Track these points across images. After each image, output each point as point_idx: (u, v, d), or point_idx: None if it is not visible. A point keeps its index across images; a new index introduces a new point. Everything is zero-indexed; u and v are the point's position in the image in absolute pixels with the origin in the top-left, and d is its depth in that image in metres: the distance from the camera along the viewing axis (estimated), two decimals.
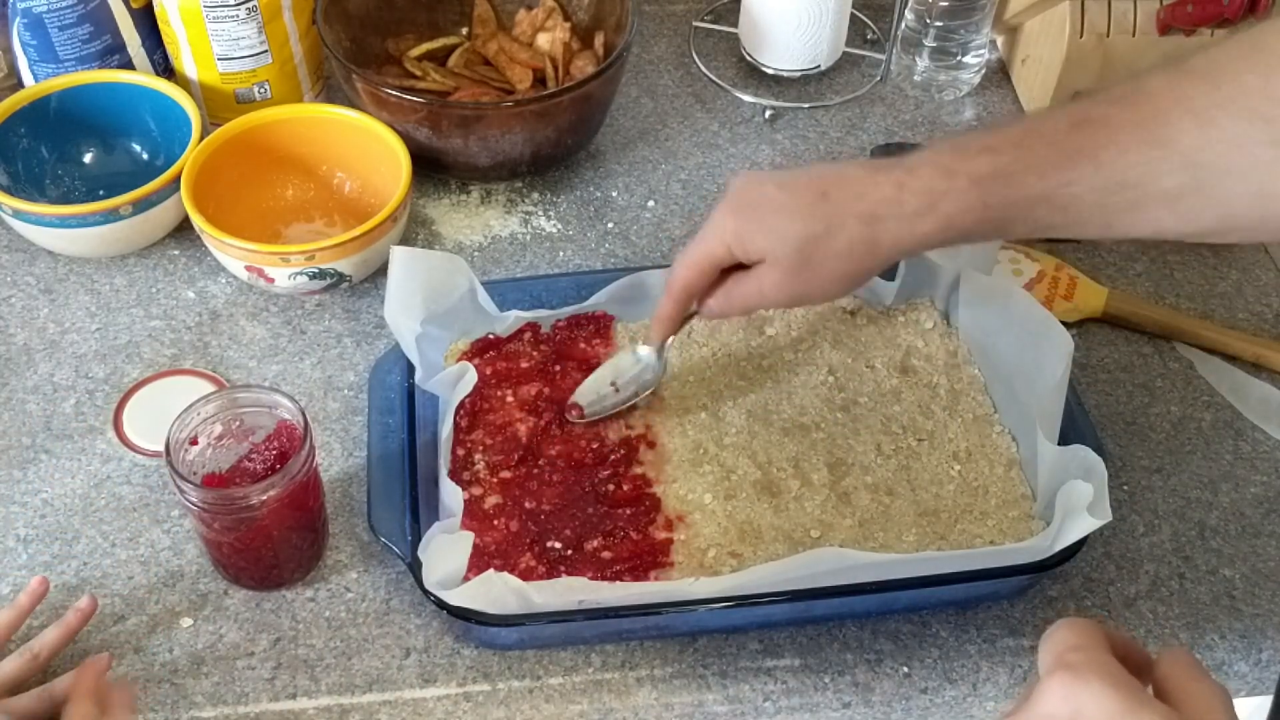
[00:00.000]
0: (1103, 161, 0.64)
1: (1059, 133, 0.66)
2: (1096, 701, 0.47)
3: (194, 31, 0.98)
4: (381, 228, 0.90)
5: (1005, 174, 0.66)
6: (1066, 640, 0.50)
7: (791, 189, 0.71)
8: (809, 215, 0.70)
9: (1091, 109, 0.66)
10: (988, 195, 0.67)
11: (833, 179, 0.71)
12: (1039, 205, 0.66)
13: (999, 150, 0.67)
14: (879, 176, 0.70)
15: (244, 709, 0.73)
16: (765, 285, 0.73)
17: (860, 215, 0.69)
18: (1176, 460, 0.87)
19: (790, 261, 0.71)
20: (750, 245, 0.72)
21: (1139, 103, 0.64)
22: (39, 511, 0.82)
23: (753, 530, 0.78)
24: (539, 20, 1.08)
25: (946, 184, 0.67)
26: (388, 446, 0.80)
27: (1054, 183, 0.65)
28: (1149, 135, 0.63)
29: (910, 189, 0.68)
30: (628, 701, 0.74)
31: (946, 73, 1.12)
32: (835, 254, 0.70)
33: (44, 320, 0.93)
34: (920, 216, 0.68)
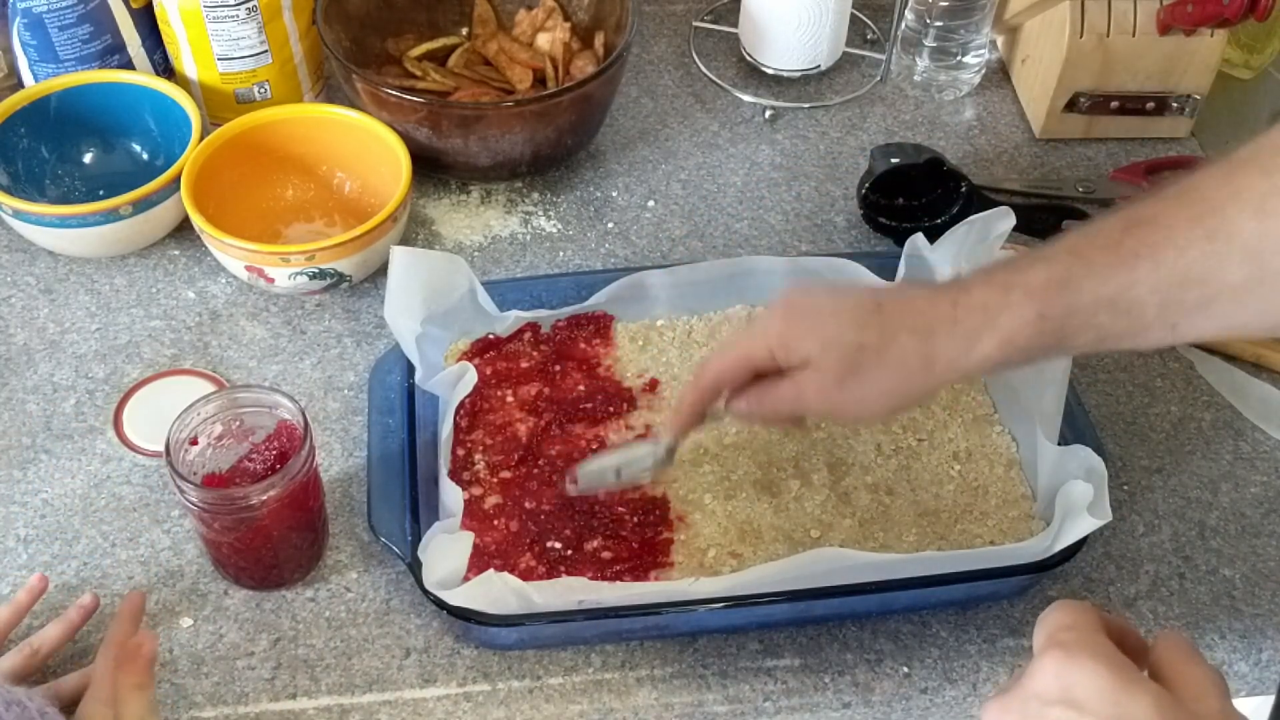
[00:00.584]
0: (1163, 260, 0.61)
1: (1113, 236, 0.63)
2: (1088, 679, 0.47)
3: (194, 31, 0.98)
4: (381, 228, 0.90)
5: (1062, 281, 0.63)
6: (1060, 620, 0.50)
7: (844, 297, 0.69)
8: (862, 323, 0.67)
9: (1143, 210, 0.63)
10: (1045, 306, 0.63)
11: (887, 293, 0.70)
12: (1101, 311, 0.63)
13: (1053, 259, 0.64)
14: (934, 294, 0.67)
15: (244, 709, 0.73)
16: (806, 391, 0.68)
17: (914, 329, 0.66)
18: (1176, 460, 0.87)
19: (837, 369, 0.67)
20: (796, 348, 0.68)
21: (1191, 199, 0.62)
22: (39, 511, 0.82)
23: (753, 530, 0.78)
24: (539, 20, 1.08)
25: (1002, 298, 0.64)
26: (388, 446, 0.80)
27: (1114, 286, 0.62)
28: (1207, 230, 0.61)
29: (965, 306, 0.65)
30: (628, 701, 0.74)
31: (946, 73, 1.13)
32: (886, 366, 0.66)
33: (44, 320, 0.93)
34: (977, 334, 0.65)
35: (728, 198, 1.04)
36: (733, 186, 1.05)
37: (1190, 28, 1.01)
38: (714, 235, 1.01)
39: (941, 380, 0.67)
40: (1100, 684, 0.47)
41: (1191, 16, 0.99)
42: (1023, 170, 1.07)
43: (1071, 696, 0.47)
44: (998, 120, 1.12)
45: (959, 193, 0.98)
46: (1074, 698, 0.47)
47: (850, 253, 0.95)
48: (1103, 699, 0.47)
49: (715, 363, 0.72)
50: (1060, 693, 0.48)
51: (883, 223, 1.00)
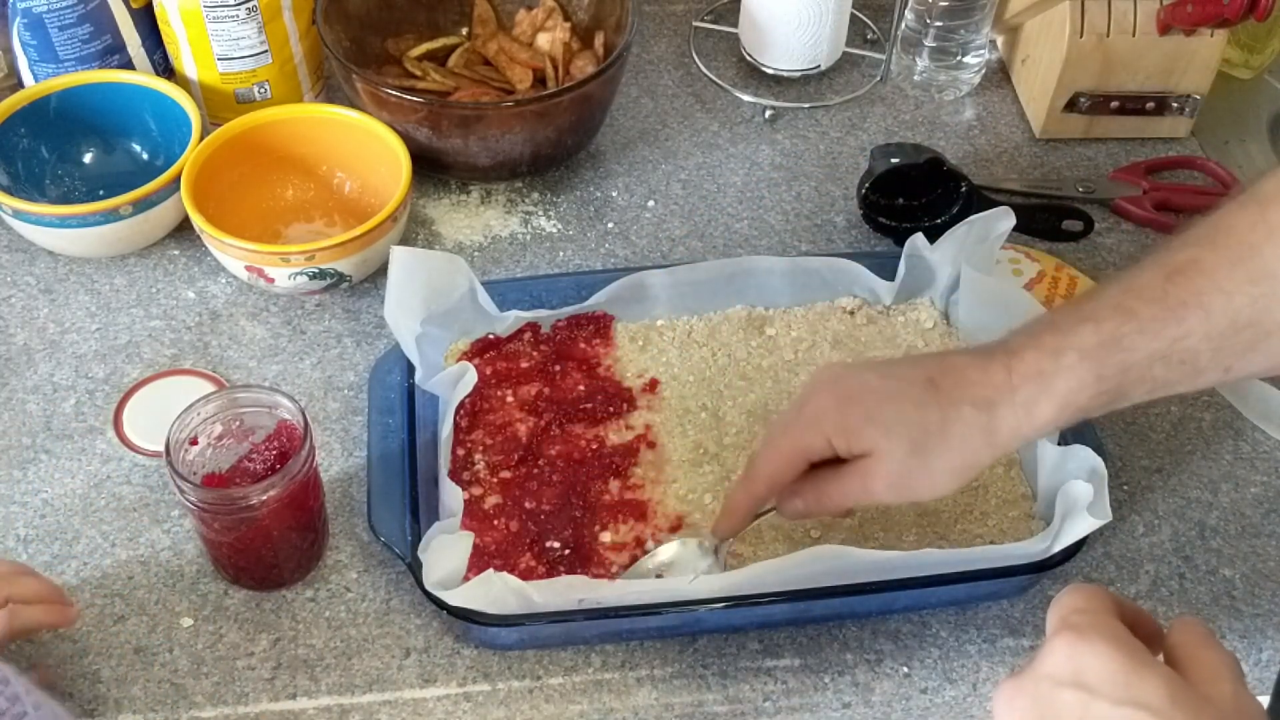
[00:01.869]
0: (1210, 308, 0.62)
1: (1156, 287, 0.63)
2: (1100, 661, 0.47)
3: (194, 31, 0.98)
4: (381, 228, 0.90)
5: (1114, 340, 0.63)
6: (1073, 603, 0.50)
7: (896, 378, 0.67)
8: (921, 403, 0.65)
9: (1180, 256, 0.63)
10: (1101, 366, 0.63)
11: (937, 367, 0.67)
12: (1156, 364, 0.63)
13: (1100, 318, 0.64)
14: (985, 361, 0.66)
15: (244, 709, 0.73)
16: (872, 481, 0.66)
17: (975, 401, 0.65)
18: (1176, 460, 0.87)
19: (902, 454, 0.65)
20: (857, 438, 0.66)
21: (1228, 242, 0.62)
22: (39, 511, 0.82)
23: (753, 530, 0.78)
24: (539, 20, 1.08)
25: (1055, 363, 0.64)
26: (388, 446, 0.80)
27: (1167, 339, 0.62)
28: (1250, 273, 0.61)
29: (1019, 373, 0.65)
30: (628, 701, 0.74)
31: (946, 73, 1.12)
32: (950, 445, 0.65)
33: (44, 320, 0.93)
34: (1035, 400, 0.64)
35: (728, 198, 1.04)
36: (733, 186, 1.05)
37: (1190, 28, 1.01)
38: (714, 235, 1.01)
39: (1005, 449, 0.66)
40: (1112, 666, 0.47)
41: (1191, 16, 0.99)
42: (1023, 170, 1.07)
43: (1083, 679, 0.47)
44: (998, 120, 1.12)
45: (959, 193, 0.98)
46: (1085, 680, 0.47)
47: (850, 253, 0.95)
48: (1114, 681, 0.47)
49: (768, 462, 0.69)
50: (1072, 675, 0.48)
51: (883, 223, 1.00)
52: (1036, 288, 0.94)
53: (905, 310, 0.91)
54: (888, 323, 0.91)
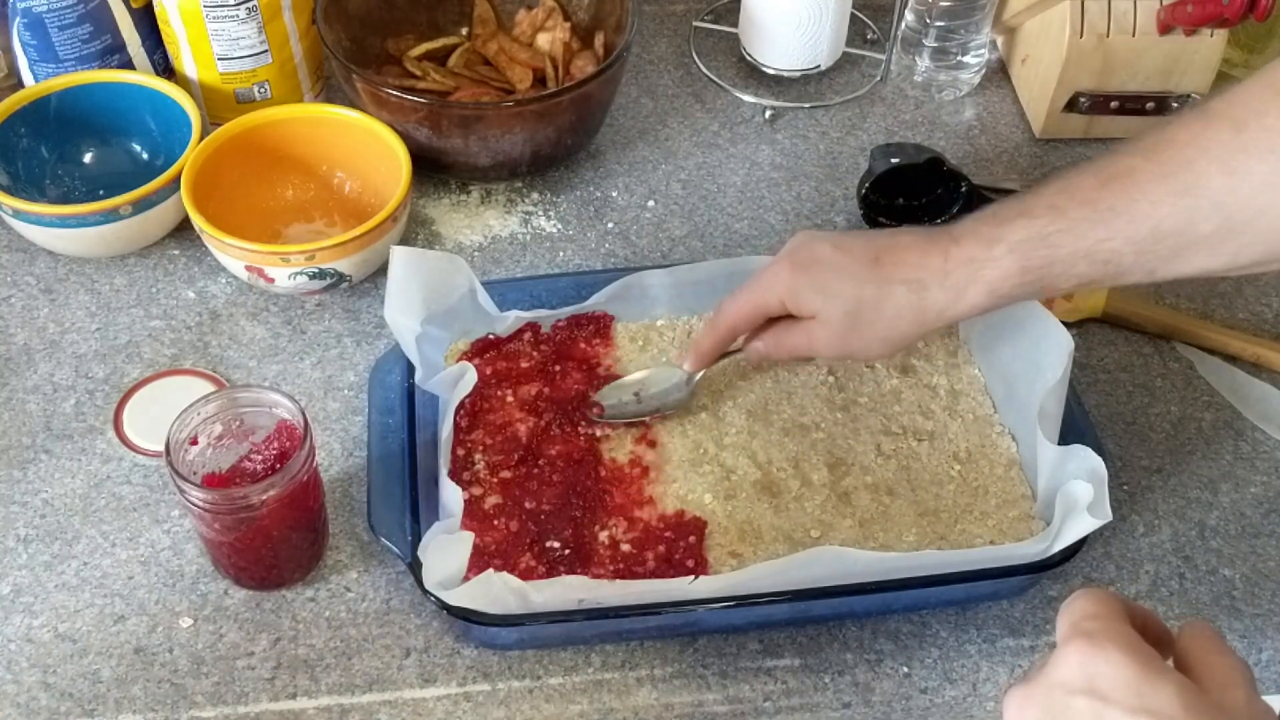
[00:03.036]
0: (1136, 215, 0.66)
1: (1090, 190, 0.68)
2: (1112, 669, 0.47)
3: (194, 31, 0.98)
4: (381, 228, 0.90)
5: (1041, 237, 0.69)
6: (1084, 609, 0.50)
7: (847, 251, 0.75)
8: (860, 279, 0.74)
9: (1119, 162, 0.67)
10: (1027, 260, 0.69)
11: (885, 245, 0.74)
12: (1079, 262, 0.68)
13: (1033, 214, 0.69)
14: (927, 245, 0.73)
15: (244, 709, 0.73)
16: (815, 339, 0.77)
17: (908, 282, 0.73)
18: (1176, 460, 0.87)
19: (840, 321, 0.75)
20: (804, 302, 0.76)
21: (1164, 153, 0.65)
22: (39, 511, 0.82)
23: (753, 530, 0.78)
24: (539, 20, 1.08)
25: (986, 252, 0.70)
26: (388, 446, 0.80)
27: (1091, 240, 0.67)
28: (1178, 185, 0.65)
29: (955, 259, 0.71)
30: (628, 701, 0.74)
31: (946, 73, 1.12)
32: (883, 318, 0.74)
33: (44, 320, 0.93)
34: (964, 286, 0.71)
35: (728, 198, 1.04)
36: (733, 186, 1.05)
37: (1190, 28, 1.01)
38: (714, 235, 1.01)
39: (933, 326, 0.74)
40: (1124, 674, 0.47)
41: (1191, 16, 0.99)
42: (1023, 170, 1.07)
43: (1095, 686, 0.47)
44: (998, 120, 1.12)
45: (959, 193, 0.98)
46: (1098, 688, 0.47)
47: None
48: (1127, 689, 0.46)
49: (730, 311, 0.80)
50: (1084, 682, 0.47)
51: (883, 223, 1.00)
52: None
53: None
54: None
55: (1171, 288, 0.97)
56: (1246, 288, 0.98)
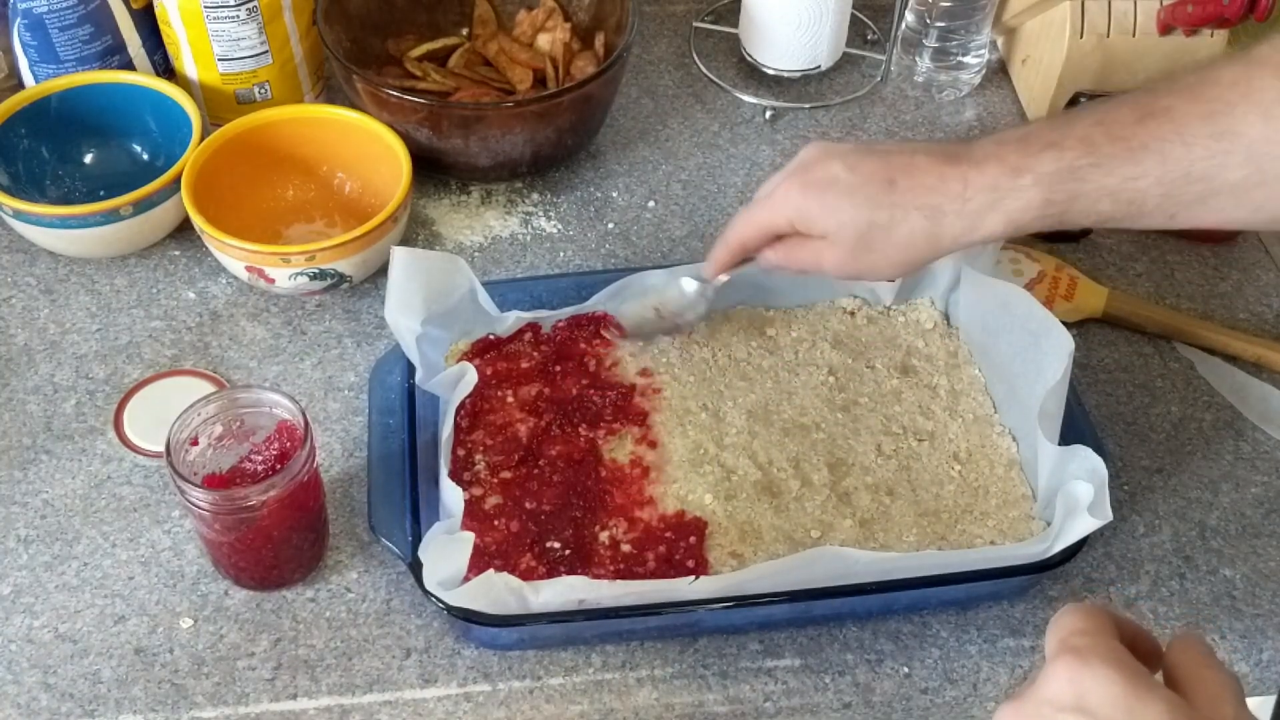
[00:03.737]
0: (1168, 156, 0.64)
1: (1125, 126, 0.66)
2: (1101, 686, 0.47)
3: (194, 32, 0.98)
4: (382, 228, 0.90)
5: (1070, 170, 0.67)
6: (1073, 624, 0.49)
7: (860, 173, 0.72)
8: (874, 203, 0.71)
9: (1158, 100, 0.66)
10: (1052, 192, 0.68)
11: (901, 166, 0.72)
12: (1103, 199, 0.67)
13: (1064, 146, 0.67)
14: (946, 169, 0.70)
15: (244, 709, 0.73)
16: (824, 259, 0.75)
17: (924, 208, 0.71)
18: (1177, 460, 0.87)
19: (851, 244, 0.73)
20: (814, 225, 0.74)
21: (1206, 94, 0.64)
22: (39, 512, 0.82)
23: (753, 530, 0.78)
24: (539, 20, 1.08)
25: (1011, 181, 0.68)
26: (388, 447, 0.80)
27: (1119, 178, 0.66)
28: (1215, 128, 0.63)
29: (975, 185, 0.69)
30: (628, 702, 0.74)
31: (947, 73, 1.12)
32: (895, 243, 0.72)
33: (44, 321, 0.93)
34: (983, 213, 0.70)
35: (728, 198, 1.04)
36: (733, 187, 1.05)
37: (1190, 28, 1.01)
38: (714, 235, 1.00)
39: (946, 252, 0.73)
40: (1114, 691, 0.46)
41: (1192, 17, 0.99)
42: None
43: (1085, 704, 0.47)
44: (998, 120, 1.12)
45: None
46: (1087, 705, 0.47)
47: None
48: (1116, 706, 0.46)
49: (740, 228, 0.78)
50: (1074, 699, 0.47)
51: None
52: (1037, 288, 0.94)
53: (905, 310, 0.91)
54: (888, 323, 0.91)
55: (1172, 287, 0.97)
56: (1246, 288, 0.98)
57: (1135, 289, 0.97)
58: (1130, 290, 0.97)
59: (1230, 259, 1.00)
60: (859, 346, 0.89)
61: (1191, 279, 0.98)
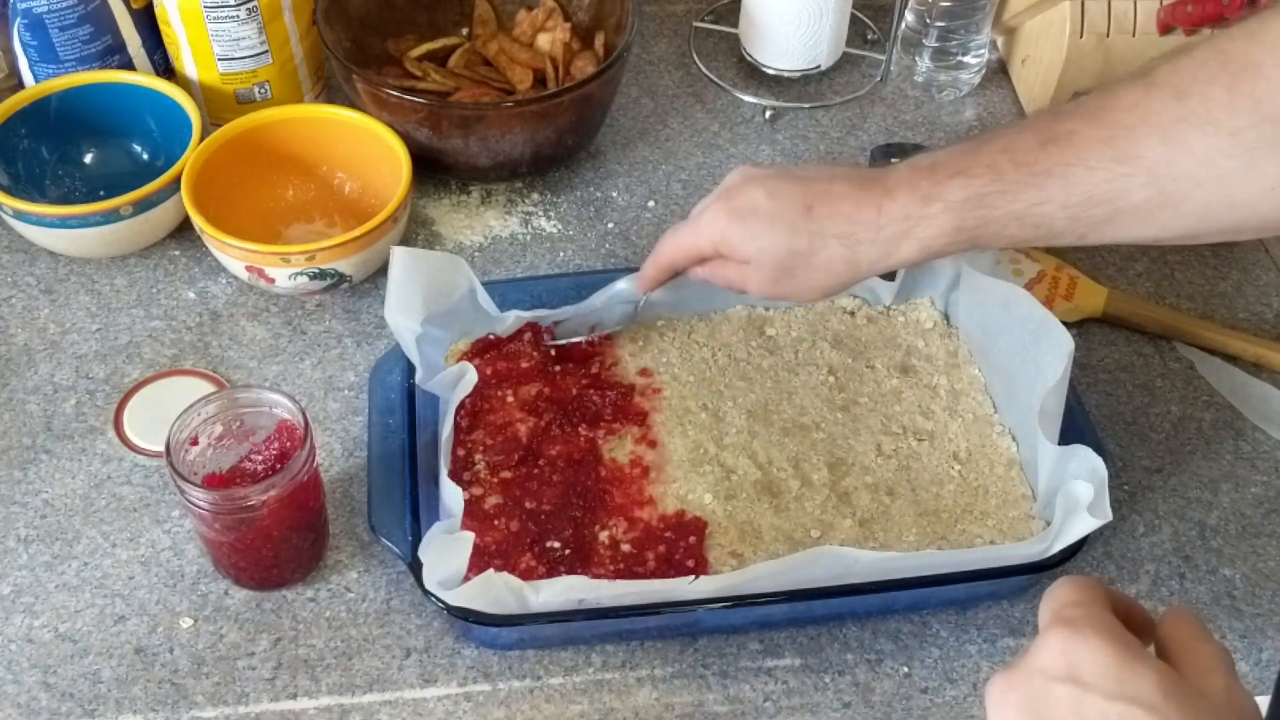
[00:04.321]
0: (1071, 180, 0.66)
1: (1029, 152, 0.67)
2: (1093, 656, 0.47)
3: (194, 32, 0.98)
4: (382, 228, 0.90)
5: (978, 197, 0.69)
6: (1066, 596, 0.50)
7: (780, 199, 0.74)
8: (793, 230, 0.73)
9: (1061, 124, 0.67)
10: (960, 219, 0.70)
11: (819, 193, 0.73)
12: (1010, 224, 0.69)
13: (972, 174, 0.69)
14: (862, 195, 0.72)
15: (244, 709, 0.73)
16: (748, 282, 0.77)
17: (840, 235, 0.72)
18: (1177, 460, 0.87)
19: (772, 269, 0.75)
20: (736, 250, 0.76)
21: (1106, 118, 0.65)
22: (39, 512, 0.82)
23: (753, 530, 0.78)
24: (539, 20, 1.08)
25: (922, 210, 0.70)
26: (388, 447, 0.80)
27: (1024, 203, 0.67)
28: (1116, 152, 0.64)
29: (889, 214, 0.71)
30: (628, 701, 0.74)
31: (947, 73, 1.12)
32: (815, 268, 0.74)
33: (44, 320, 0.93)
34: (897, 240, 0.71)
35: None
36: None
37: (1190, 28, 1.01)
38: None
39: (865, 276, 0.75)
40: (1105, 661, 0.47)
41: (1192, 16, 0.99)
42: None
43: (1076, 673, 0.47)
44: (998, 120, 1.12)
45: None
46: (1078, 675, 0.47)
47: None
48: (1107, 676, 0.47)
49: (668, 250, 0.81)
50: (1065, 669, 0.47)
51: None
52: (1036, 288, 0.94)
53: (905, 310, 0.91)
54: (888, 323, 0.91)
55: (1172, 287, 0.97)
56: (1246, 288, 0.98)
57: (1135, 289, 0.97)
58: (1130, 290, 0.97)
59: (1230, 259, 1.00)
60: (859, 346, 0.89)
61: (1191, 279, 0.98)
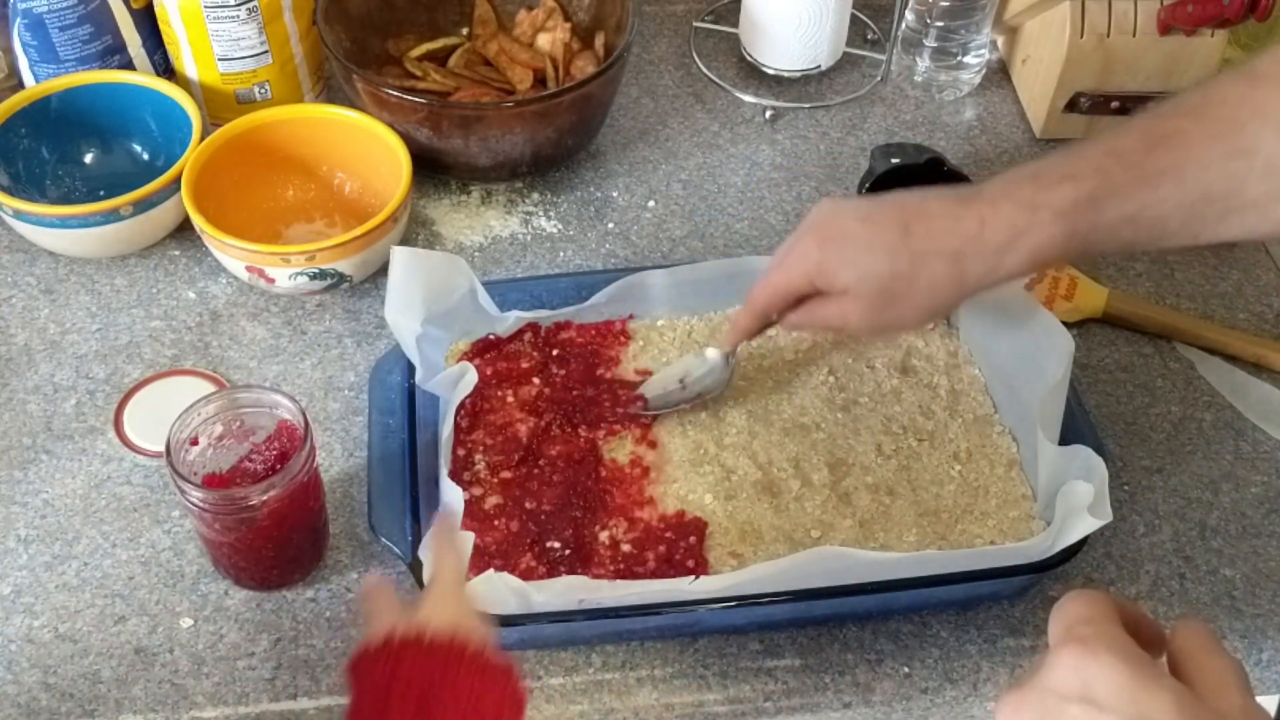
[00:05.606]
0: (1186, 179, 0.64)
1: (1138, 153, 0.65)
2: (1106, 675, 0.46)
3: (194, 32, 0.98)
4: (382, 228, 0.90)
5: (1089, 201, 0.66)
6: (1077, 612, 0.49)
7: (875, 223, 0.72)
8: (893, 252, 0.70)
9: (1166, 123, 0.65)
10: (1072, 225, 0.67)
11: (914, 213, 0.71)
12: (1124, 227, 0.66)
13: (1080, 177, 0.66)
14: (961, 210, 0.70)
15: (244, 709, 0.73)
16: (849, 315, 0.74)
17: (944, 253, 0.70)
18: (1177, 460, 0.87)
19: (874, 297, 0.72)
20: (835, 280, 0.73)
21: (1213, 114, 0.64)
22: (40, 512, 0.82)
23: (753, 530, 0.78)
24: (539, 20, 1.08)
25: (1029, 218, 0.67)
26: (388, 447, 0.80)
27: (1139, 204, 0.65)
28: (1229, 147, 0.63)
29: (993, 225, 0.68)
30: (628, 702, 0.74)
31: (947, 73, 1.12)
32: (920, 290, 0.71)
33: (45, 321, 0.93)
34: (1004, 252, 0.68)
35: (728, 198, 1.04)
36: (733, 186, 1.05)
37: (1191, 28, 1.01)
38: (714, 235, 1.01)
39: (973, 293, 0.72)
40: (1119, 681, 0.46)
41: (1192, 16, 0.99)
42: None
43: (1090, 693, 0.46)
44: (998, 120, 1.12)
45: None
46: (1093, 695, 0.46)
47: None
48: (1121, 696, 0.46)
49: (762, 293, 0.78)
50: (1079, 689, 0.47)
51: None
52: (1036, 288, 0.94)
53: None
54: None
55: (1172, 287, 0.97)
56: (1247, 288, 0.98)
57: (1135, 289, 0.97)
58: (1130, 290, 0.97)
59: (1230, 259, 1.00)
60: (859, 346, 0.89)
61: (1191, 279, 0.98)
